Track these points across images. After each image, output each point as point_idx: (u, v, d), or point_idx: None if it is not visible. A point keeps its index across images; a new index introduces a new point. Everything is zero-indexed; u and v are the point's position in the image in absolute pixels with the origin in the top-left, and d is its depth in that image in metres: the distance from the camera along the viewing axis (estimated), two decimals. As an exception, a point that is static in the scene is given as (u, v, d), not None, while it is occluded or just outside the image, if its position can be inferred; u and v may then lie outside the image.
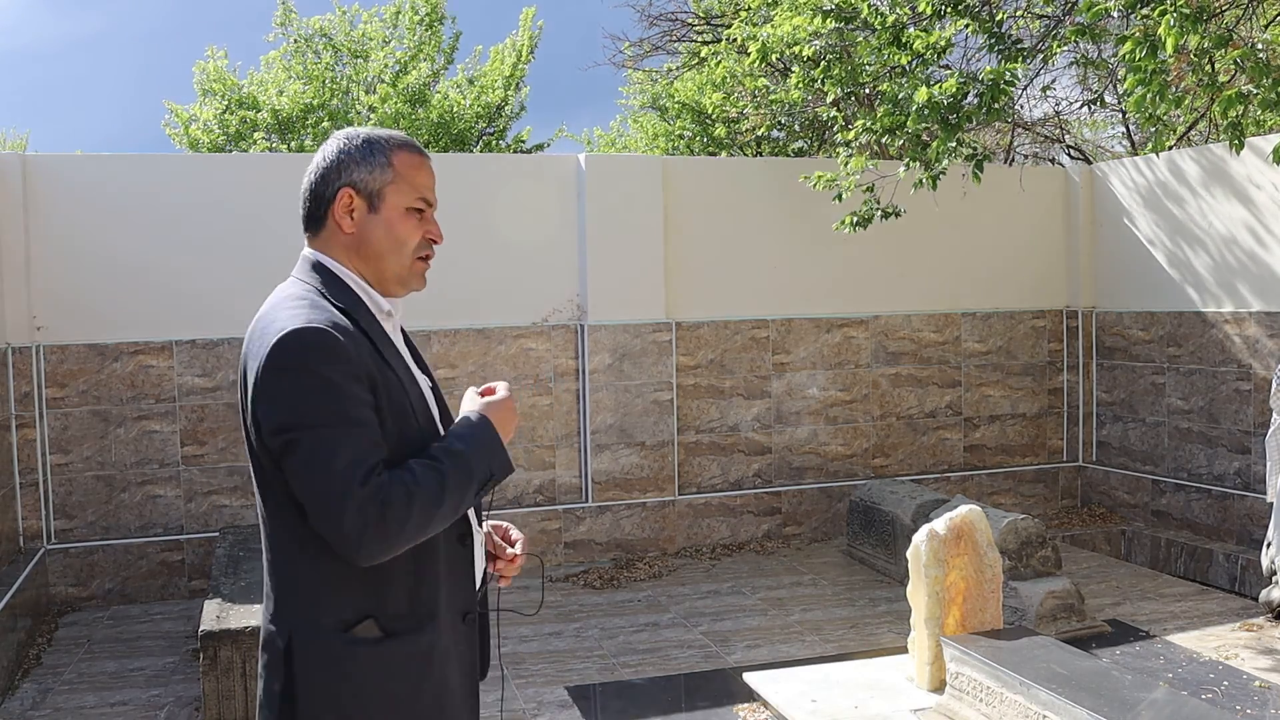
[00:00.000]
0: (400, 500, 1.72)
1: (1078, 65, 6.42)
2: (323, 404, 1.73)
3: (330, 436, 1.72)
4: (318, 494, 1.72)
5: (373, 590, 1.82)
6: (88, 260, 6.18)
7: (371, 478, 1.72)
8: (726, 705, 4.62)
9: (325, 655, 1.81)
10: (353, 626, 1.82)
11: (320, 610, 1.82)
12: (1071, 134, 11.80)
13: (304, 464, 1.72)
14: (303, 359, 1.74)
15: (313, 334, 1.75)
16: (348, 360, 1.76)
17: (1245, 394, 6.71)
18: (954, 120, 5.76)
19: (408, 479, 1.75)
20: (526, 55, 12.83)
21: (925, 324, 7.73)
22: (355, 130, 1.96)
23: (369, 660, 1.82)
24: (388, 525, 1.71)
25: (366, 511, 1.69)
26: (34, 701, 4.77)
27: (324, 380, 1.73)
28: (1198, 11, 4.37)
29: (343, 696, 1.81)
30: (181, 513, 6.35)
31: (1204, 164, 7.01)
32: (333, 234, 1.93)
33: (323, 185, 1.92)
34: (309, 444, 1.72)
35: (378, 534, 1.71)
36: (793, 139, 10.78)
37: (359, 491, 1.69)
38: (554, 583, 6.50)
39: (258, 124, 11.86)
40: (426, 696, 1.87)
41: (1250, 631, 5.38)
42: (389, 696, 1.83)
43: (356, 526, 1.69)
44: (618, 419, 6.99)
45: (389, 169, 1.91)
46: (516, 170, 7.28)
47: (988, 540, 4.52)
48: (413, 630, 1.85)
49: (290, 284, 1.93)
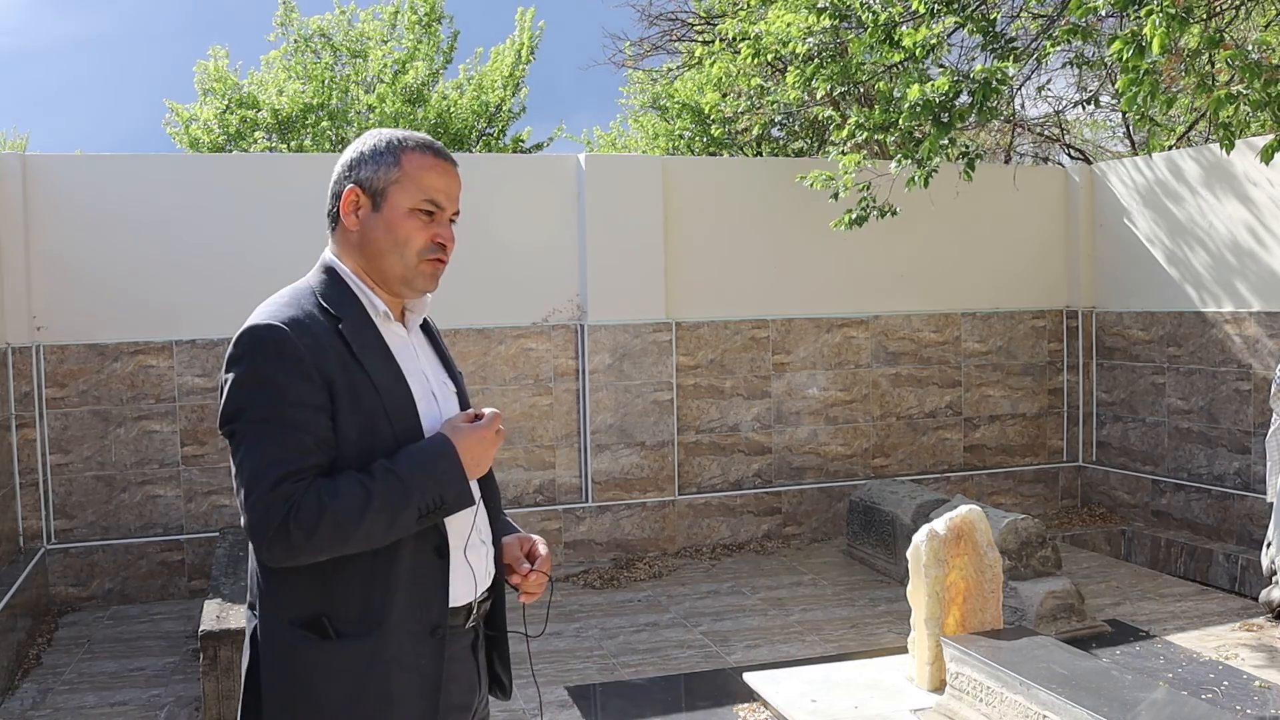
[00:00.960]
0: (310, 510, 1.72)
1: (1073, 65, 6.42)
2: (259, 401, 1.76)
3: (258, 433, 1.76)
4: (237, 488, 1.78)
5: (325, 590, 1.83)
6: (87, 260, 6.18)
7: (286, 482, 1.73)
8: (726, 705, 4.62)
9: (278, 647, 1.86)
10: (304, 623, 1.84)
11: (278, 604, 1.86)
12: (1071, 134, 11.80)
13: (233, 457, 1.79)
14: (250, 354, 1.79)
15: (265, 330, 1.79)
16: (296, 359, 1.77)
17: (1245, 394, 6.71)
18: (945, 119, 5.76)
19: (325, 490, 1.74)
20: (526, 55, 12.83)
21: (925, 324, 7.73)
22: (378, 130, 1.98)
23: (311, 659, 1.84)
24: (291, 533, 1.72)
25: (271, 515, 1.72)
26: (34, 701, 4.77)
27: (266, 377, 1.77)
28: (1184, 12, 4.37)
29: (291, 689, 1.85)
30: (181, 513, 6.35)
31: (1204, 164, 7.01)
32: (342, 232, 1.96)
33: (335, 184, 1.96)
34: (239, 438, 1.78)
35: (279, 538, 1.73)
36: (793, 139, 10.78)
37: (269, 492, 1.72)
38: (554, 583, 6.48)
39: (258, 124, 11.86)
40: (367, 704, 1.84)
41: (1250, 631, 5.38)
42: (329, 696, 1.84)
43: (260, 528, 1.73)
44: (618, 419, 6.99)
45: (395, 168, 1.91)
46: (516, 170, 7.28)
47: (988, 540, 4.52)
48: (358, 635, 1.84)
49: (294, 283, 1.96)
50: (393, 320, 1.96)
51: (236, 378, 1.79)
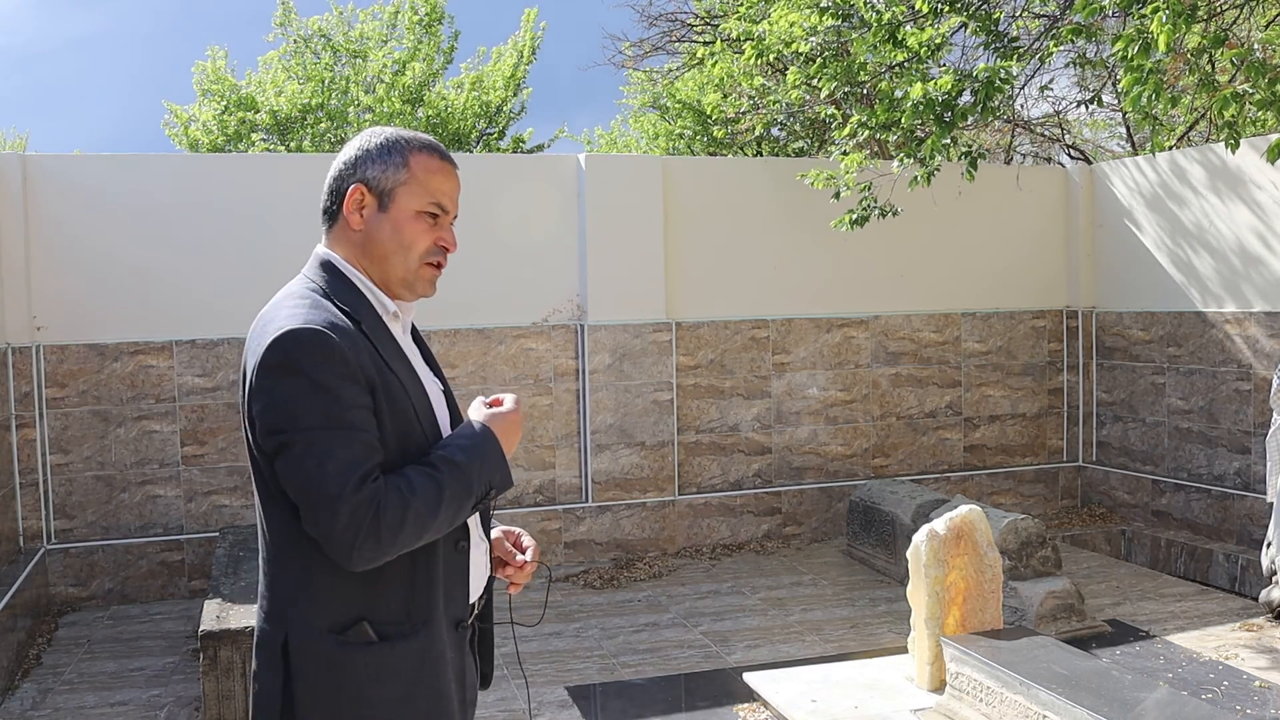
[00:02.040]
0: (395, 507, 1.71)
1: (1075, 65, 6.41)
2: (316, 406, 1.71)
3: (323, 439, 1.70)
4: (311, 497, 1.70)
5: (367, 593, 1.81)
6: (87, 260, 6.18)
7: (366, 483, 1.70)
8: (726, 705, 4.62)
9: (320, 656, 1.80)
10: (346, 629, 1.81)
11: (315, 612, 1.80)
12: (1071, 134, 11.80)
13: (297, 466, 1.71)
14: (297, 360, 1.72)
15: (308, 335, 1.73)
16: (343, 362, 1.74)
17: (1245, 394, 6.71)
18: (948, 118, 5.76)
19: (404, 486, 1.74)
20: (528, 56, 12.83)
21: (925, 324, 7.73)
22: (382, 129, 1.95)
23: (361, 664, 1.80)
24: (381, 532, 1.70)
25: (359, 516, 1.68)
26: (34, 701, 4.77)
27: (317, 383, 1.71)
28: (1190, 9, 4.37)
29: (338, 699, 1.80)
30: (181, 513, 6.35)
31: (1204, 164, 7.01)
32: (343, 230, 1.92)
33: (339, 180, 1.92)
34: (302, 446, 1.70)
35: (370, 540, 1.69)
36: (793, 139, 10.78)
37: (353, 496, 1.68)
38: (554, 582, 6.50)
39: (256, 124, 11.86)
40: (421, 701, 1.86)
41: (1250, 631, 5.38)
42: (383, 700, 1.82)
43: (350, 531, 1.68)
44: (618, 419, 6.99)
45: (404, 169, 1.89)
46: (516, 170, 7.29)
47: (988, 540, 4.52)
48: (407, 635, 1.84)
49: (296, 281, 1.91)
50: (396, 320, 1.96)
51: (285, 385, 1.72)
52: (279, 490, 1.78)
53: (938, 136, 5.83)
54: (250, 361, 1.78)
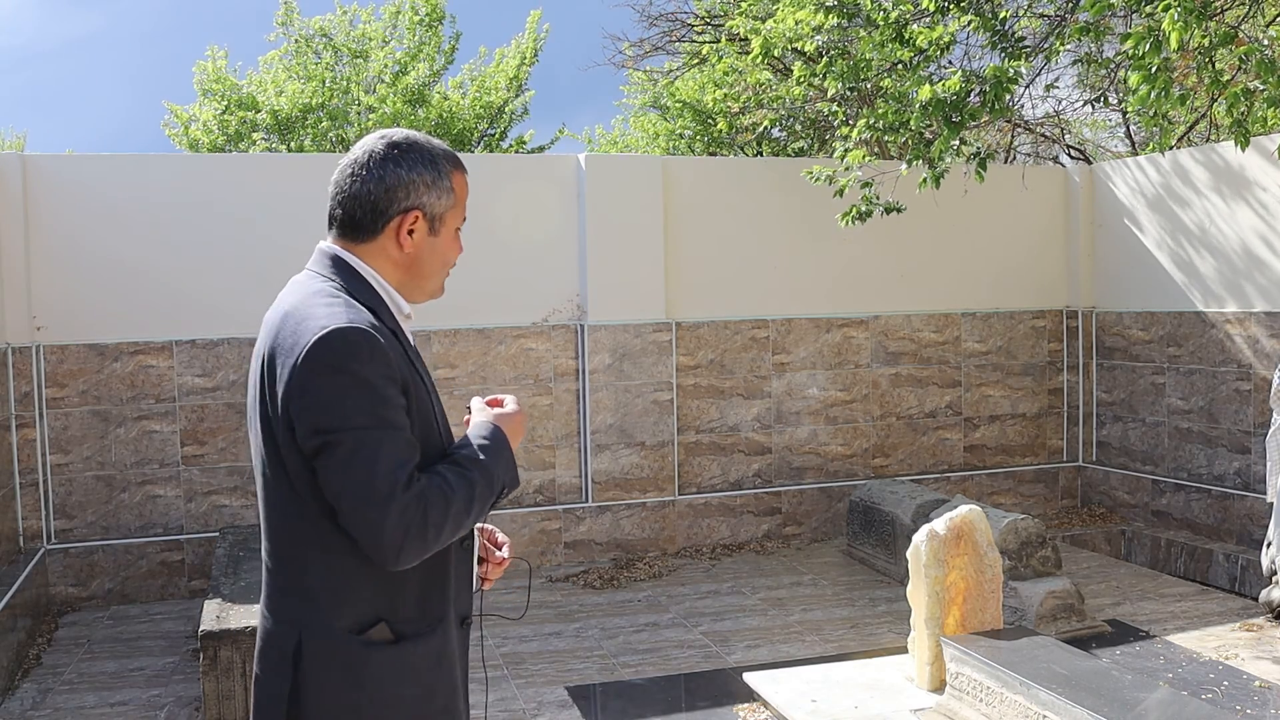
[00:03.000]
0: (439, 505, 1.73)
1: (1080, 64, 6.41)
2: (364, 405, 1.71)
3: (371, 438, 1.70)
4: (358, 497, 1.69)
5: (386, 594, 1.82)
6: (87, 260, 6.18)
7: (413, 483, 1.72)
8: (726, 705, 4.62)
9: (338, 658, 1.79)
10: (365, 630, 1.81)
11: (334, 613, 1.80)
12: (1072, 134, 11.80)
13: (343, 466, 1.70)
14: (344, 359, 1.71)
15: (355, 334, 1.72)
16: (386, 362, 1.75)
17: (1245, 394, 6.71)
18: (957, 119, 5.75)
19: (443, 485, 1.76)
20: (531, 58, 12.82)
21: (925, 324, 7.73)
22: (417, 140, 1.91)
23: (382, 664, 1.81)
24: (428, 530, 1.71)
25: (408, 516, 1.69)
26: (34, 701, 4.77)
27: (364, 381, 1.71)
28: (1202, 7, 4.36)
29: (359, 701, 1.79)
30: (181, 513, 6.35)
31: (1205, 163, 7.01)
32: (383, 248, 1.89)
33: (386, 199, 1.87)
34: (349, 446, 1.70)
35: (418, 538, 1.71)
36: (794, 139, 10.78)
37: (402, 496, 1.69)
38: (554, 582, 6.50)
39: (257, 124, 11.86)
40: (439, 699, 1.88)
41: (1250, 631, 5.38)
42: (402, 700, 1.83)
43: (398, 531, 1.69)
44: (618, 419, 6.99)
45: (451, 194, 1.92)
46: (517, 170, 7.29)
47: (988, 540, 4.52)
48: (423, 634, 1.85)
49: (311, 278, 1.88)
50: (409, 321, 1.98)
51: (331, 384, 1.71)
52: (307, 490, 1.76)
53: (946, 137, 5.82)
54: (283, 360, 1.75)
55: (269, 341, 1.80)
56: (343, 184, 1.89)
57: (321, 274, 1.88)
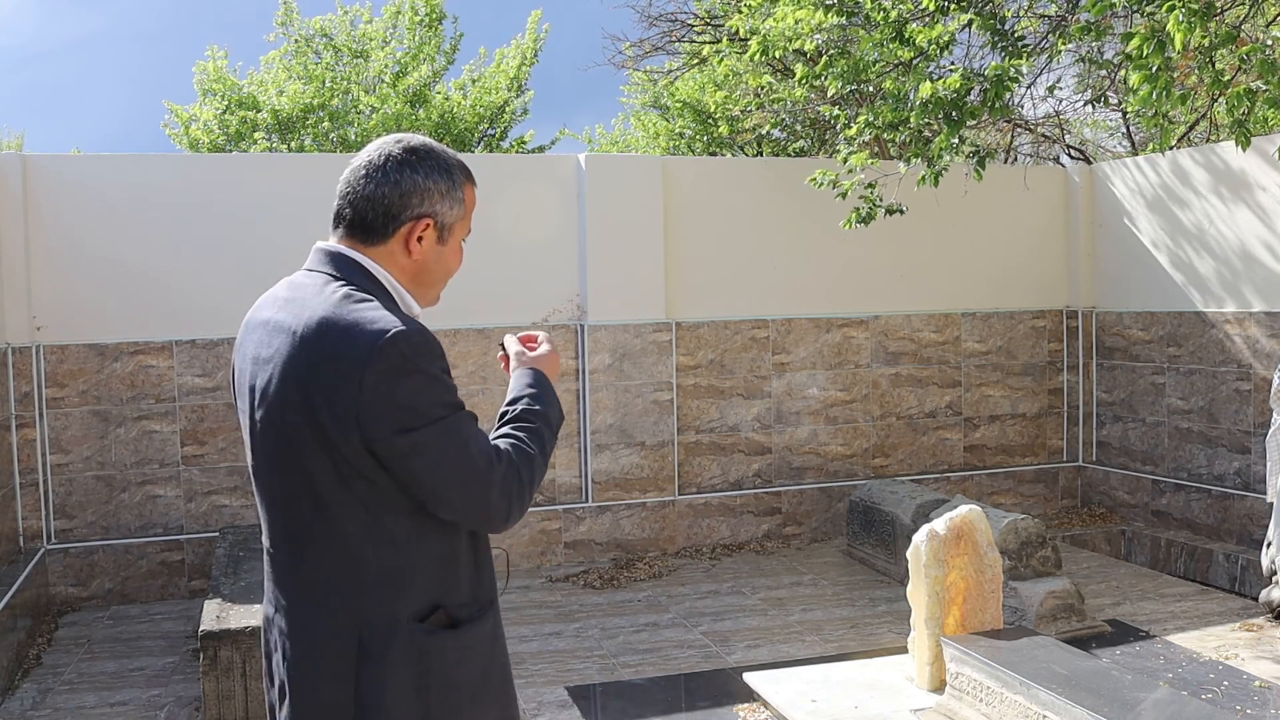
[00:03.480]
0: (527, 464, 1.87)
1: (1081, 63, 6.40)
2: (441, 398, 1.79)
3: (454, 426, 1.79)
4: (460, 482, 1.79)
5: (442, 580, 1.85)
6: (87, 260, 6.18)
7: (500, 455, 1.84)
8: (726, 705, 4.62)
9: (405, 648, 1.80)
10: (426, 618, 1.83)
11: (397, 604, 1.81)
12: (1072, 134, 11.80)
13: (437, 458, 1.77)
14: (413, 359, 1.76)
15: (416, 334, 1.78)
16: (442, 356, 1.83)
17: (1245, 394, 6.71)
18: (957, 117, 5.75)
19: (523, 445, 1.89)
20: (531, 58, 12.82)
21: (925, 324, 7.73)
22: (433, 149, 1.92)
23: (445, 650, 1.84)
24: (525, 490, 1.86)
25: (509, 483, 1.83)
26: (34, 701, 4.77)
27: (434, 377, 1.79)
28: (1206, 7, 4.35)
29: (427, 687, 1.82)
30: (181, 513, 6.35)
31: (1205, 164, 7.01)
32: (392, 254, 1.89)
33: (400, 205, 1.87)
34: (437, 439, 1.77)
35: (519, 499, 1.85)
36: (794, 139, 10.78)
37: (500, 469, 1.82)
38: (554, 582, 6.50)
39: (258, 124, 11.86)
40: (494, 680, 1.93)
41: (1250, 631, 5.38)
42: (465, 683, 1.86)
43: (504, 499, 1.82)
44: (618, 419, 6.99)
45: (462, 205, 1.95)
46: (517, 170, 7.28)
47: (988, 540, 4.52)
48: (477, 617, 1.90)
49: (324, 281, 1.85)
50: None
51: (408, 385, 1.74)
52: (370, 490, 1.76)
53: (946, 135, 5.82)
54: (337, 367, 1.72)
55: (302, 349, 1.76)
56: (355, 184, 1.88)
57: (330, 274, 1.85)
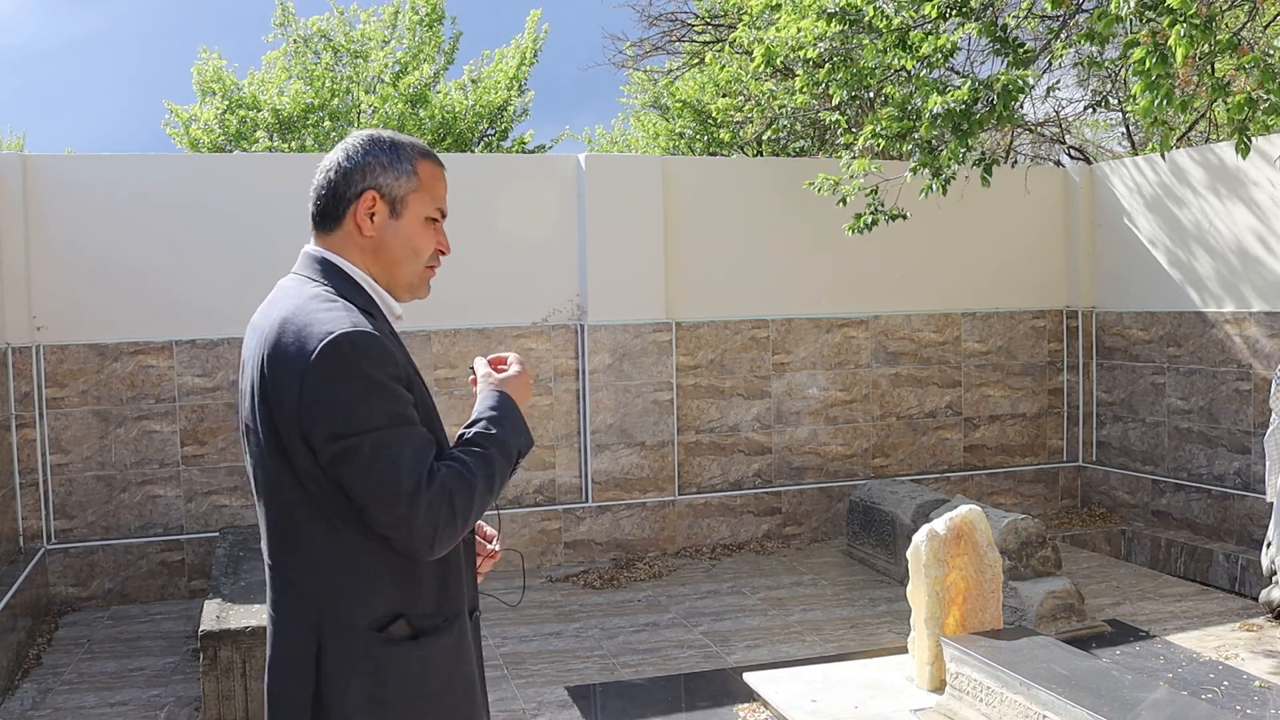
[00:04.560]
0: (463, 491, 1.77)
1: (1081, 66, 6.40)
2: (381, 407, 1.74)
3: (390, 438, 1.73)
4: (386, 497, 1.71)
5: (404, 590, 1.83)
6: (87, 260, 6.18)
7: (435, 475, 1.75)
8: (726, 705, 4.62)
9: (361, 657, 1.80)
10: (385, 627, 1.82)
11: (354, 612, 1.81)
12: (1072, 134, 11.80)
13: (367, 468, 1.72)
14: (355, 363, 1.73)
15: (362, 338, 1.74)
16: (394, 362, 1.78)
17: (1245, 394, 6.71)
18: (966, 128, 5.73)
19: (463, 470, 1.79)
20: (530, 58, 12.82)
21: (925, 324, 7.73)
22: (379, 133, 1.96)
23: (404, 660, 1.82)
24: (455, 518, 1.76)
25: (436, 508, 1.73)
26: (34, 701, 4.77)
27: (377, 383, 1.74)
28: (1208, 21, 4.35)
29: (383, 696, 1.81)
30: (181, 513, 6.35)
31: (1204, 164, 7.01)
32: (349, 235, 1.92)
33: (345, 184, 1.91)
34: (370, 448, 1.72)
35: (448, 526, 1.75)
36: (794, 139, 10.77)
37: (428, 491, 1.73)
38: (554, 582, 6.50)
39: (258, 124, 11.86)
40: (457, 693, 1.90)
41: (1250, 631, 5.38)
42: (424, 695, 1.84)
43: (429, 524, 1.72)
44: (618, 419, 6.99)
45: (414, 177, 1.93)
46: (517, 170, 7.28)
47: (988, 540, 4.52)
48: (441, 629, 1.87)
49: (301, 283, 1.88)
50: (399, 321, 2.00)
51: (347, 389, 1.72)
52: (320, 494, 1.77)
53: (955, 147, 5.80)
54: (288, 367, 1.75)
55: (265, 349, 1.79)
56: (315, 182, 1.95)
57: (311, 278, 1.89)
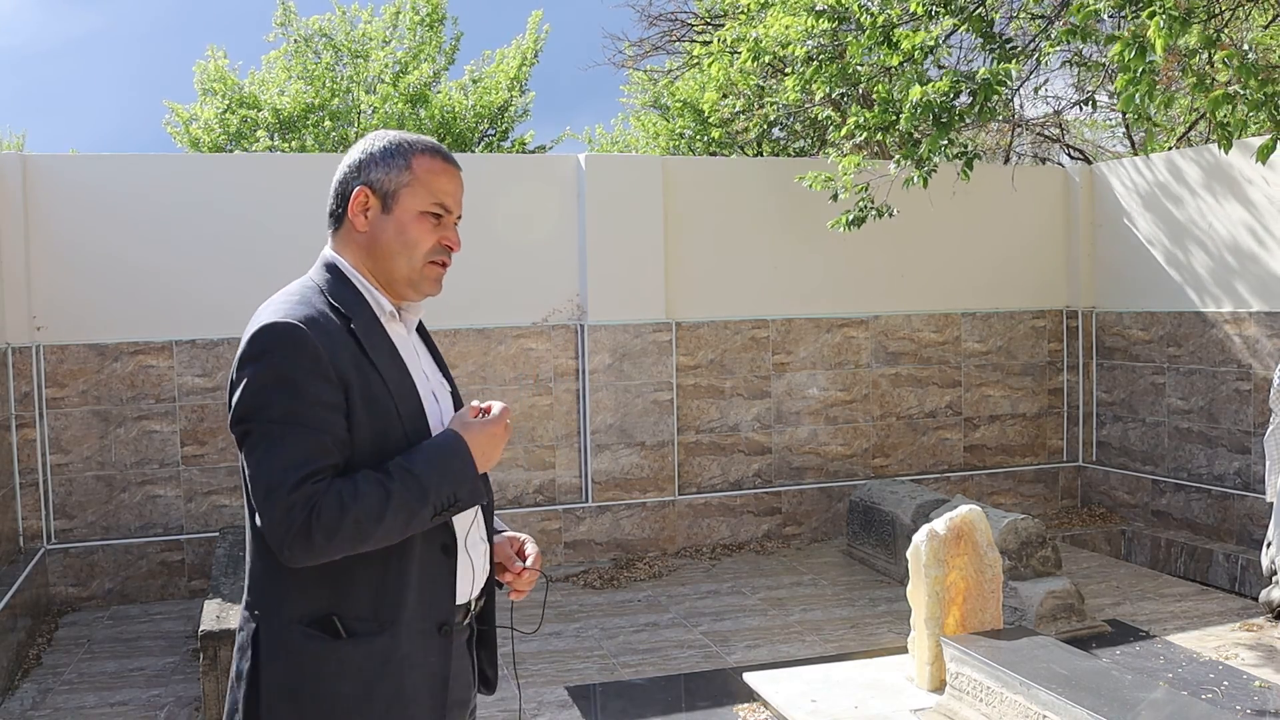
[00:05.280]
0: (331, 510, 1.72)
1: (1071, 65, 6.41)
2: (278, 400, 1.75)
3: (277, 434, 1.74)
4: (256, 490, 1.75)
5: (334, 589, 1.83)
6: (87, 260, 6.18)
7: (307, 483, 1.72)
8: (726, 705, 4.62)
9: (285, 647, 1.84)
10: (314, 622, 1.83)
11: (284, 603, 1.85)
12: (1071, 134, 11.80)
13: (249, 457, 1.77)
14: (268, 352, 1.77)
15: (282, 328, 1.77)
16: (314, 359, 1.77)
17: (1245, 394, 6.71)
18: (945, 120, 5.76)
19: (346, 492, 1.74)
20: (531, 58, 12.82)
21: (925, 324, 7.73)
22: (385, 132, 1.99)
23: (323, 657, 1.83)
24: (313, 533, 1.71)
25: (293, 516, 1.71)
26: (34, 701, 4.77)
27: (284, 376, 1.76)
28: (1186, 14, 4.38)
29: (299, 689, 1.83)
30: (181, 513, 6.35)
31: (1203, 164, 7.01)
32: (348, 232, 1.96)
33: (344, 183, 1.97)
34: (256, 438, 1.76)
35: (301, 539, 1.72)
36: (793, 139, 10.78)
37: (290, 494, 1.71)
38: (554, 582, 6.50)
39: (259, 123, 11.86)
40: (379, 702, 1.86)
41: (1250, 631, 5.38)
42: (339, 696, 1.84)
43: (281, 528, 1.72)
44: (618, 419, 6.99)
45: (406, 171, 1.93)
46: (517, 170, 7.29)
47: (988, 540, 4.52)
48: (371, 634, 1.85)
49: (297, 281, 1.96)
50: (397, 320, 1.98)
51: (253, 376, 1.77)
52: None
53: (935, 138, 5.83)
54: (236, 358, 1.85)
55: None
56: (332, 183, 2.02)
57: (310, 276, 1.96)
